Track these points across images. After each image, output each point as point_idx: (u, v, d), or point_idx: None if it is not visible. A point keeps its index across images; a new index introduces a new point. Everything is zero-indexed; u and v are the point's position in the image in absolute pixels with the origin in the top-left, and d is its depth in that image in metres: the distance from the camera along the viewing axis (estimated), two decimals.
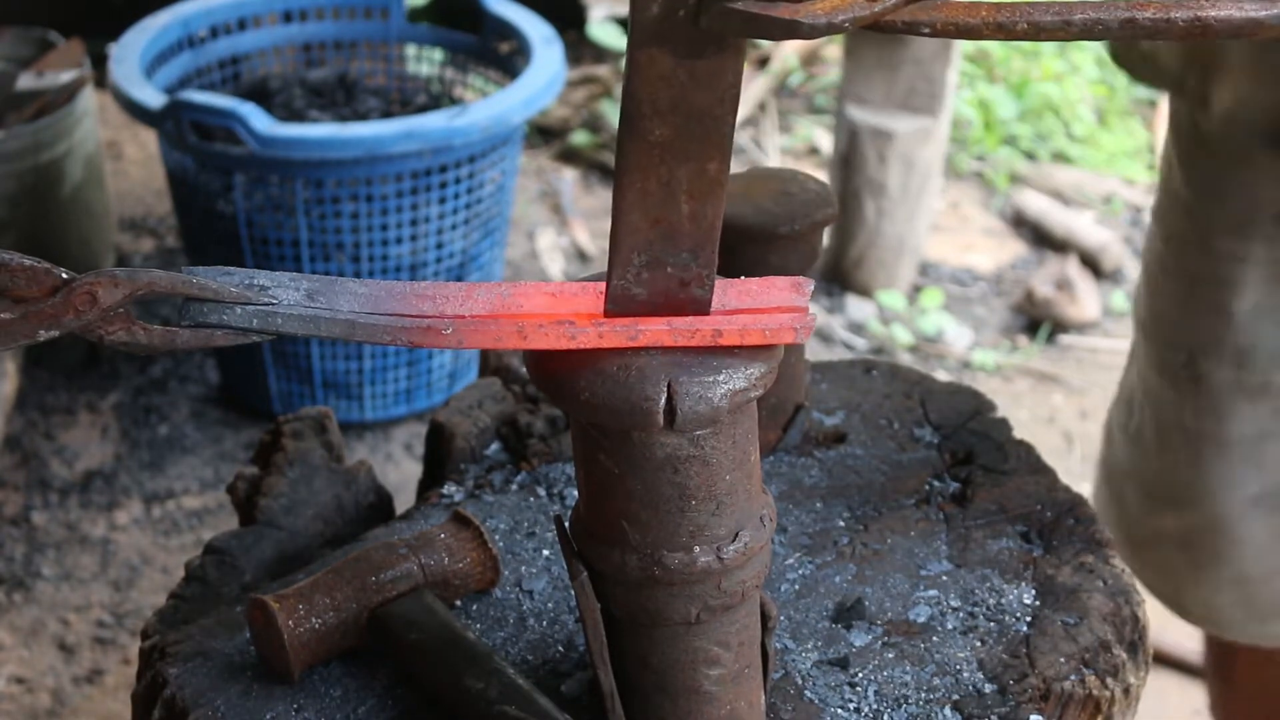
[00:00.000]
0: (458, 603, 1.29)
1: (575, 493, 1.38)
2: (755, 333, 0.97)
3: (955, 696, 1.20)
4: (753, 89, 4.49)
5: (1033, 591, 1.31)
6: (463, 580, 1.27)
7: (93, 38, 3.63)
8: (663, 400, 0.95)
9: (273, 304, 0.94)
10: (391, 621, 1.21)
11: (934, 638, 1.26)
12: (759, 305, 0.99)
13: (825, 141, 4.28)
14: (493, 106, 2.89)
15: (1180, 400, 1.73)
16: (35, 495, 2.99)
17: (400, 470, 3.08)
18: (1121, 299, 3.73)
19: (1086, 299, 3.63)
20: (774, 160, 4.25)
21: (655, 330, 0.96)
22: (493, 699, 1.13)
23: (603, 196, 4.11)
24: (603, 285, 0.98)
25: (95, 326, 0.92)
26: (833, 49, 4.71)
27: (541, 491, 1.44)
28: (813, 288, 1.01)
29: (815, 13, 0.80)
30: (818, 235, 1.35)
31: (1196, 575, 1.78)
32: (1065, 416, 3.36)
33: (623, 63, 4.63)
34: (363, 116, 3.21)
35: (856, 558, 1.35)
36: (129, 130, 4.17)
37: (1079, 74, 4.54)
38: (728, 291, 0.99)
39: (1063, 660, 1.23)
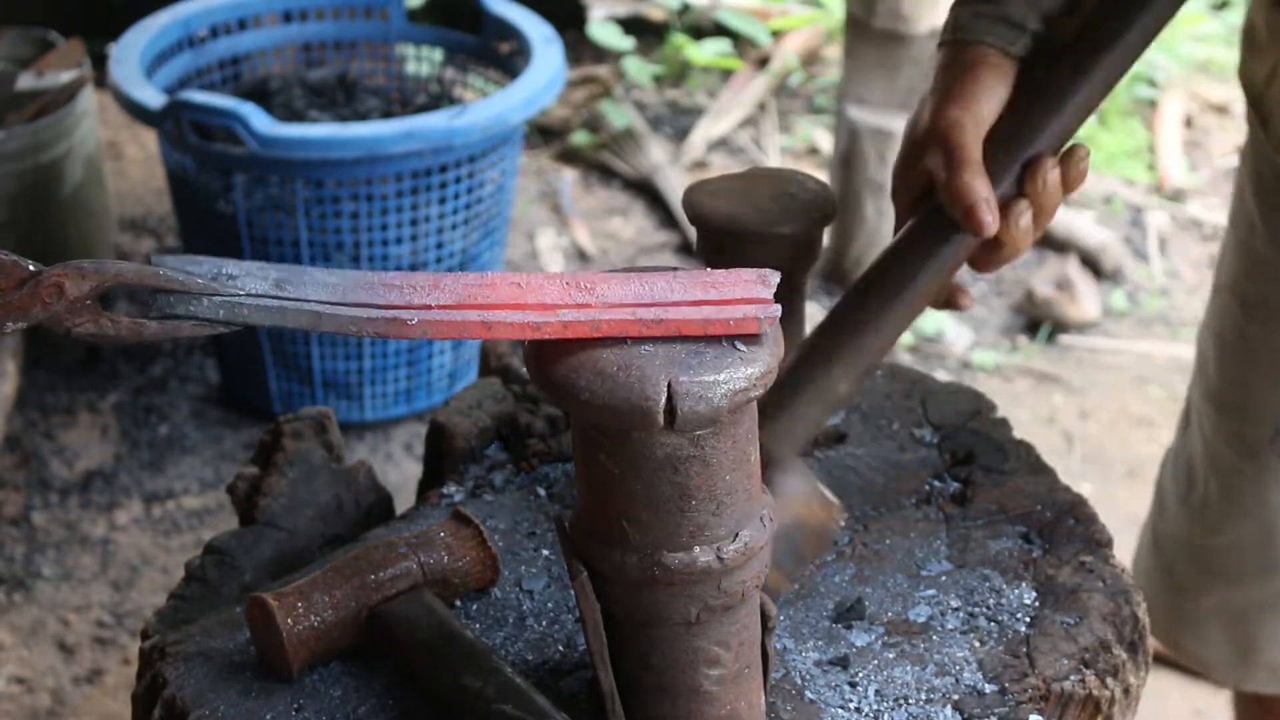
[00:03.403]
0: (458, 602, 1.29)
1: (575, 493, 1.38)
2: (719, 323, 0.97)
3: (955, 696, 1.20)
4: (753, 89, 4.49)
5: (1033, 592, 1.31)
6: (462, 579, 1.27)
7: (93, 38, 3.62)
8: (663, 400, 0.95)
9: (239, 295, 0.94)
10: (390, 620, 1.21)
11: (934, 638, 1.26)
12: (724, 297, 0.99)
13: (825, 141, 4.28)
14: (493, 106, 2.89)
15: (1261, 473, 1.66)
16: (35, 495, 2.99)
17: (400, 470, 3.08)
18: (1121, 299, 3.73)
19: (1086, 299, 3.63)
20: (774, 160, 4.25)
21: (619, 320, 0.96)
22: (491, 697, 1.13)
23: (602, 196, 4.11)
24: (569, 276, 0.98)
25: (63, 318, 0.92)
26: (833, 49, 4.71)
27: (541, 491, 1.44)
28: (778, 279, 1.00)
29: None
30: (818, 235, 1.35)
31: (1268, 643, 1.73)
32: (1065, 416, 3.36)
33: (623, 63, 4.62)
34: (363, 116, 3.21)
35: (856, 558, 1.35)
36: (129, 130, 4.17)
37: None
38: (693, 284, 0.99)
39: (1063, 660, 1.23)
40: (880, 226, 3.60)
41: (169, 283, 0.93)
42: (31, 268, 0.91)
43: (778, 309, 0.98)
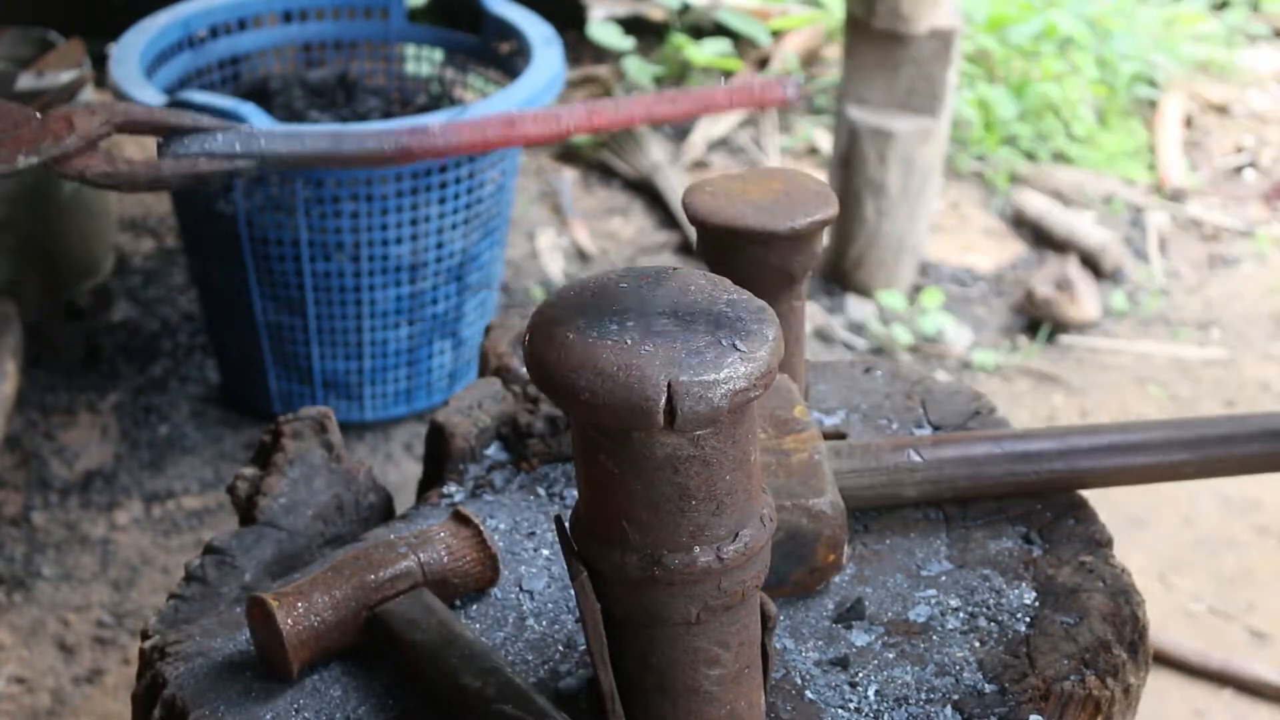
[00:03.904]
0: (457, 602, 1.29)
1: (575, 493, 1.38)
2: (743, 93, 0.96)
3: (955, 696, 1.20)
4: None
5: (1033, 592, 1.31)
6: (462, 579, 1.27)
7: (93, 38, 3.62)
8: (663, 400, 0.95)
9: (254, 129, 0.93)
10: (390, 620, 1.21)
11: (934, 638, 1.26)
12: (738, 95, 0.98)
13: (825, 141, 4.28)
14: (493, 106, 2.89)
15: None
16: (35, 495, 2.99)
17: (400, 470, 3.08)
18: (1121, 299, 3.73)
19: (1086, 299, 3.63)
20: (774, 160, 4.25)
21: (641, 100, 0.95)
22: (490, 698, 1.13)
23: (602, 196, 4.11)
24: (592, 105, 0.97)
25: (75, 157, 0.92)
26: (833, 49, 4.71)
27: (541, 491, 1.44)
28: (800, 82, 0.99)
29: None
30: (818, 235, 1.35)
31: None
32: (1065, 416, 3.36)
33: (623, 62, 4.62)
34: (363, 116, 3.21)
35: (856, 558, 1.35)
36: None
37: (1079, 74, 4.54)
38: (717, 90, 0.99)
39: (1063, 660, 1.23)
40: (880, 226, 3.60)
41: (180, 120, 0.93)
42: (37, 114, 0.93)
43: (801, 80, 0.98)
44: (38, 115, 0.92)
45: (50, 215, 3.32)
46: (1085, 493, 1.43)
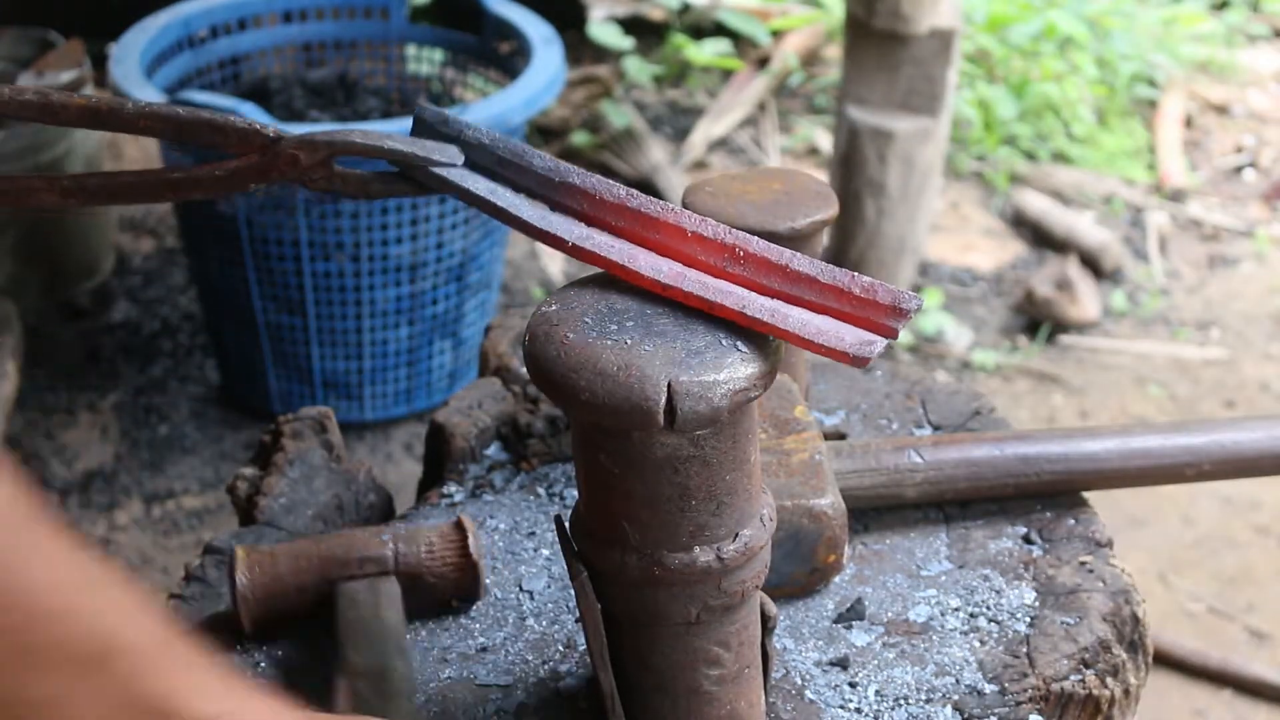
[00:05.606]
0: (455, 603, 1.29)
1: (575, 493, 1.38)
2: (815, 346, 0.98)
3: (955, 696, 1.20)
4: (753, 89, 4.49)
5: (1033, 591, 1.31)
6: (439, 579, 1.27)
7: (93, 38, 3.62)
8: (663, 400, 0.95)
9: (450, 171, 1.04)
10: (340, 596, 1.24)
11: (934, 638, 1.26)
12: (854, 313, 0.99)
13: (825, 141, 4.28)
14: (493, 106, 2.89)
15: None
16: (35, 495, 2.99)
17: (400, 470, 3.08)
18: (1121, 299, 3.73)
19: (1086, 299, 3.63)
20: (774, 160, 4.25)
21: (730, 309, 0.98)
22: (361, 671, 1.18)
23: None
24: (733, 239, 1.01)
25: (299, 179, 1.04)
26: (833, 49, 4.71)
27: (541, 491, 1.44)
28: (918, 306, 0.98)
29: None
30: (818, 235, 1.35)
31: None
32: (1065, 416, 3.36)
33: (623, 63, 4.61)
34: (363, 116, 3.21)
35: (856, 558, 1.35)
36: None
37: (1079, 74, 4.54)
38: (830, 290, 0.99)
39: (1063, 660, 1.23)
40: (880, 226, 3.60)
41: (394, 155, 1.04)
42: (271, 134, 1.02)
43: (881, 346, 0.97)
44: (270, 135, 1.02)
45: (50, 215, 3.32)
46: (1085, 493, 1.43)
